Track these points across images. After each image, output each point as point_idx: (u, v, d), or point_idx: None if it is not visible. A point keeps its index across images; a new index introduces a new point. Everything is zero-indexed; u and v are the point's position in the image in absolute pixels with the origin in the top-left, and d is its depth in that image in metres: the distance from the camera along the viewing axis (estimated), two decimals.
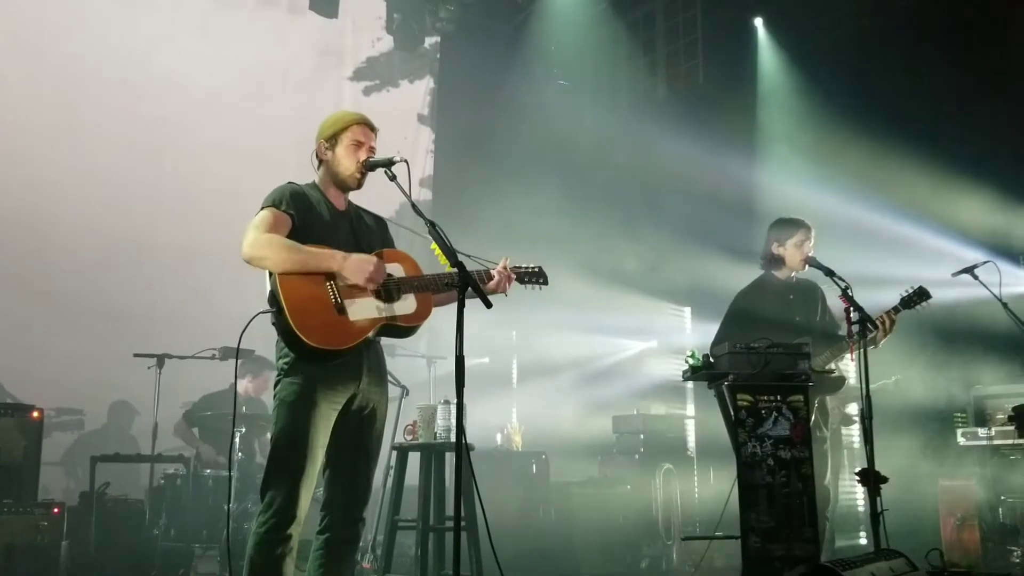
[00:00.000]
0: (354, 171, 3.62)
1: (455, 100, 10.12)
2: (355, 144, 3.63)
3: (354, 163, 3.62)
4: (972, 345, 6.31)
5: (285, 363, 3.45)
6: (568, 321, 8.27)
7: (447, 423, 4.91)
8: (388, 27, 9.88)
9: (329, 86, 9.22)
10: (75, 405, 7.78)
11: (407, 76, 10.19)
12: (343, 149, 3.63)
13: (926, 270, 6.40)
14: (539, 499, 6.92)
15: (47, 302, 7.34)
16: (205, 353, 6.55)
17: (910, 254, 6.62)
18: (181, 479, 6.40)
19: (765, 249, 5.38)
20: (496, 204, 8.50)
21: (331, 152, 3.65)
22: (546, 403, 8.51)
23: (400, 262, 3.62)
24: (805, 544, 4.32)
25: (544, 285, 3.91)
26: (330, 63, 8.96)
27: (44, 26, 7.46)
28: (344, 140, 3.64)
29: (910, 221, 6.70)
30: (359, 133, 3.65)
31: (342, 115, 3.72)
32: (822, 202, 6.94)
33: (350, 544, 3.58)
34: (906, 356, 6.15)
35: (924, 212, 6.59)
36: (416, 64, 10.16)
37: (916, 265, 6.54)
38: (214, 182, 7.62)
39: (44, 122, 7.38)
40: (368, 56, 9.85)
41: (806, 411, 4.51)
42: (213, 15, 8.09)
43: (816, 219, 5.43)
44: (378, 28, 9.75)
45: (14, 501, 5.42)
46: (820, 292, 5.39)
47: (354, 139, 3.64)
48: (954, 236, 6.45)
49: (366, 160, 3.63)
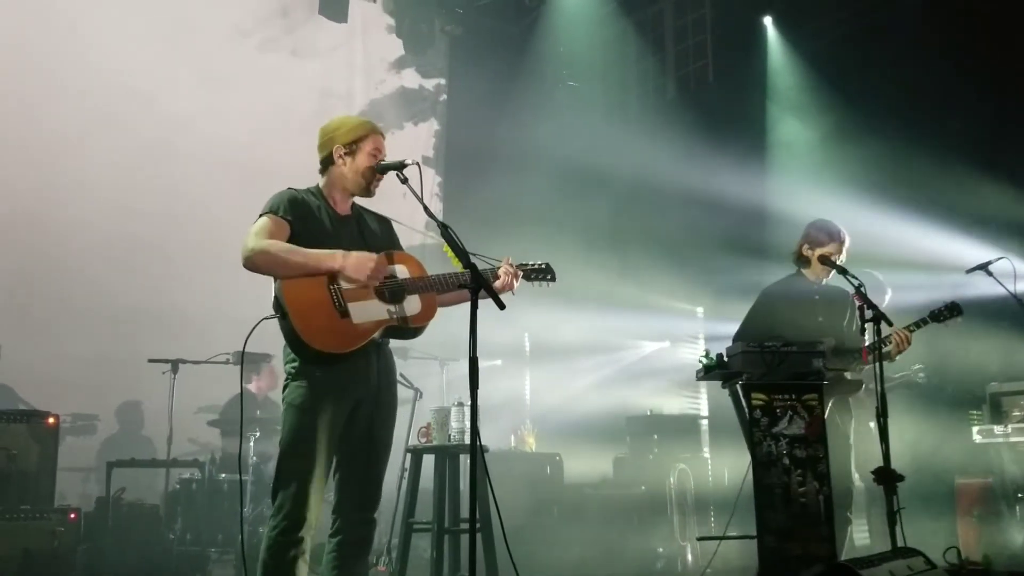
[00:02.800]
0: (372, 181, 3.64)
1: (464, 103, 10.13)
2: (375, 155, 3.64)
3: (371, 174, 3.63)
4: (987, 342, 6.27)
5: (293, 367, 3.46)
6: (580, 322, 8.26)
7: (461, 425, 4.92)
8: (398, 30, 9.92)
9: None
10: (90, 411, 7.82)
11: (412, 118, 10.19)
12: (364, 158, 3.63)
13: (939, 267, 6.39)
14: (553, 500, 6.92)
15: (61, 309, 7.38)
16: (219, 358, 6.58)
17: (923, 251, 6.59)
18: (196, 484, 6.43)
19: (797, 246, 5.33)
20: (506, 205, 8.50)
21: (350, 159, 3.64)
22: (559, 404, 8.50)
23: (405, 263, 3.61)
24: (822, 543, 4.30)
25: (552, 281, 3.88)
26: (334, 106, 8.90)
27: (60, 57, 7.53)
28: (364, 149, 3.64)
29: (923, 218, 6.66)
30: (378, 142, 3.67)
31: (359, 123, 3.71)
32: (834, 200, 6.91)
33: (363, 546, 3.58)
34: (922, 352, 6.11)
35: (937, 209, 6.55)
36: (421, 107, 10.15)
37: (929, 262, 6.52)
38: (227, 187, 7.64)
39: (58, 128, 7.42)
40: (372, 99, 9.84)
41: (821, 410, 4.50)
42: (216, 59, 8.08)
43: (828, 217, 5.40)
44: (382, 70, 9.75)
45: (31, 507, 5.46)
46: (851, 301, 5.13)
47: (375, 148, 3.65)
48: (968, 233, 6.41)
49: (377, 163, 3.63)
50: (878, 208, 6.79)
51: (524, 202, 8.74)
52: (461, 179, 9.94)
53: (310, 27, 9.01)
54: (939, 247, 6.54)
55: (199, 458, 6.71)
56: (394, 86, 9.89)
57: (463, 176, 9.89)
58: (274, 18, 8.92)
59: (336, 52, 9.31)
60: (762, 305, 5.27)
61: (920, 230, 6.66)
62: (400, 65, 10.09)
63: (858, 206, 6.83)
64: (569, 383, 8.71)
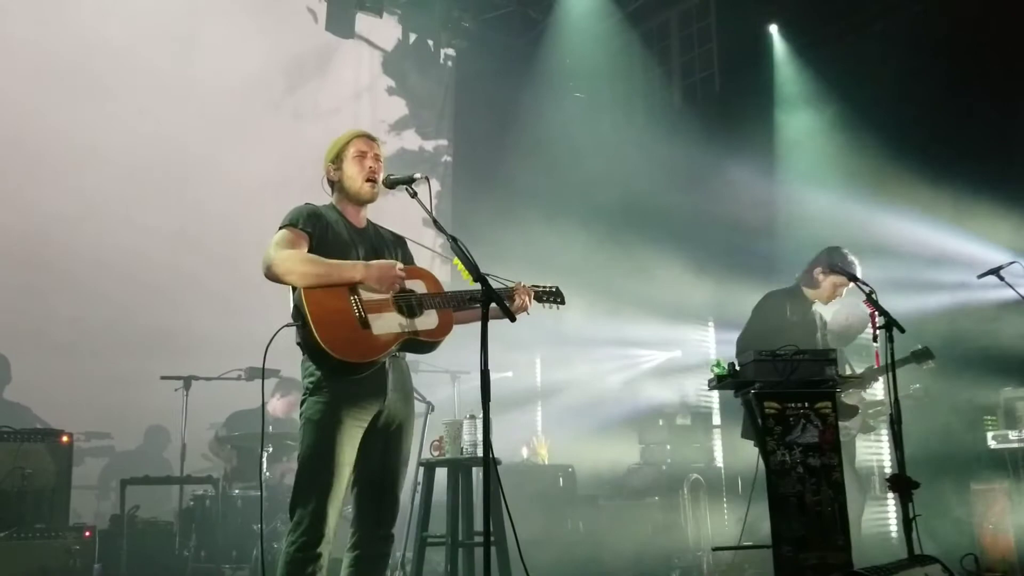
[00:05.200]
0: (364, 181, 3.68)
1: (471, 117, 10.16)
2: (359, 155, 3.71)
3: (363, 173, 3.69)
4: (1000, 347, 6.24)
5: (311, 382, 3.47)
6: (591, 332, 8.26)
7: (473, 438, 4.91)
8: (404, 45, 9.97)
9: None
10: (104, 429, 7.83)
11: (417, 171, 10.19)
12: (349, 162, 3.72)
13: (950, 274, 6.37)
14: (567, 512, 6.90)
15: (74, 327, 7.41)
16: (231, 374, 6.61)
17: (934, 260, 6.57)
18: (210, 500, 6.43)
19: (809, 268, 5.42)
20: (514, 219, 8.50)
21: (340, 171, 3.73)
22: (571, 416, 8.49)
23: (422, 278, 3.65)
24: (838, 552, 4.27)
25: (561, 304, 3.95)
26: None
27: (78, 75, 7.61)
28: (348, 154, 3.73)
29: (933, 227, 6.65)
30: (360, 144, 3.75)
31: (340, 136, 3.81)
32: (842, 210, 6.91)
33: (380, 560, 3.59)
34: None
35: (947, 217, 6.53)
36: (426, 167, 10.13)
37: (940, 270, 6.50)
38: (239, 204, 7.68)
39: (71, 148, 7.47)
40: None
41: (834, 418, 4.48)
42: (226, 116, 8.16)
43: (837, 228, 5.44)
44: (381, 133, 9.80)
45: (46, 525, 5.47)
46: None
47: (357, 150, 3.72)
48: (979, 239, 6.39)
49: (386, 178, 3.67)
50: (888, 217, 6.79)
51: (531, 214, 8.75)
52: (469, 194, 9.96)
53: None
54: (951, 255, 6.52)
55: (213, 474, 6.71)
56: (394, 147, 9.90)
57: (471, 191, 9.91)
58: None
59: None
60: (771, 309, 5.30)
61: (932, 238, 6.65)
62: (400, 127, 10.11)
63: (868, 215, 6.83)
64: (581, 394, 8.69)
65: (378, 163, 3.73)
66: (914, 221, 6.70)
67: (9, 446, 5.63)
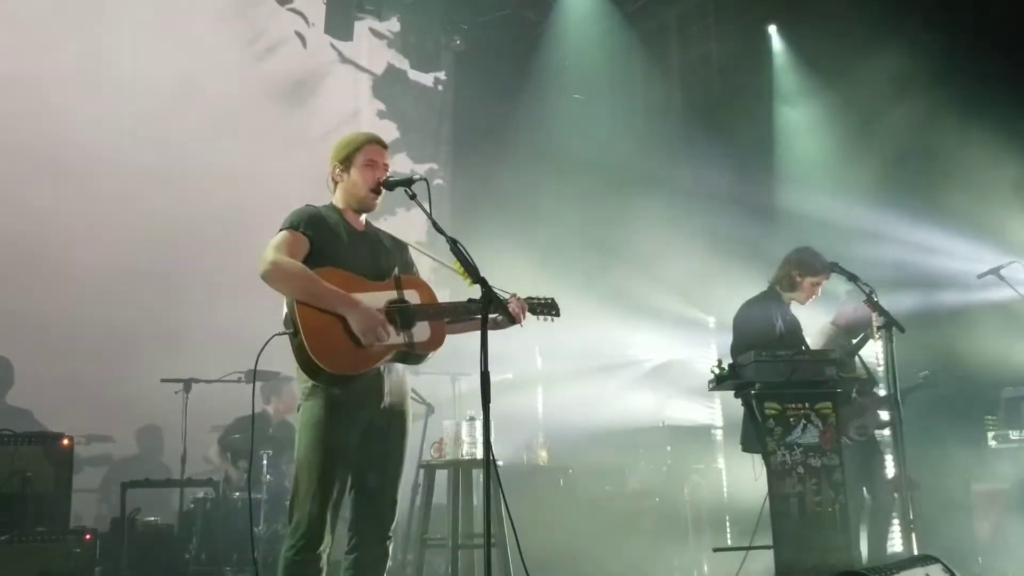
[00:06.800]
0: (369, 191, 3.64)
1: (469, 118, 10.15)
2: (369, 164, 3.65)
3: (370, 183, 3.64)
4: (1000, 346, 6.24)
5: (306, 387, 3.46)
6: (591, 334, 8.24)
7: (473, 440, 4.91)
8: (404, 47, 9.97)
9: None
10: (104, 432, 7.82)
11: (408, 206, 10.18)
12: (357, 170, 3.65)
13: (950, 273, 6.37)
14: (567, 514, 6.90)
15: (74, 331, 7.40)
16: (231, 376, 6.60)
17: (933, 257, 6.57)
18: (211, 503, 6.43)
19: (784, 271, 5.40)
20: (512, 220, 8.50)
21: (346, 174, 3.67)
22: (572, 417, 8.47)
23: (416, 288, 3.60)
24: (838, 552, 4.28)
25: (556, 317, 3.88)
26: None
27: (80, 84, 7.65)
28: (358, 161, 3.66)
29: (932, 224, 6.64)
30: (372, 152, 3.67)
31: (353, 137, 3.74)
32: (842, 208, 6.90)
33: (380, 562, 3.58)
34: (936, 358, 6.09)
35: (947, 214, 6.53)
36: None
37: (940, 268, 6.50)
38: (237, 207, 7.68)
39: (71, 149, 7.47)
40: None
41: (835, 418, 4.48)
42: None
43: (836, 225, 5.43)
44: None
45: (47, 529, 5.46)
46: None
47: (368, 159, 3.65)
48: (979, 238, 6.39)
49: (385, 180, 3.63)
50: (887, 214, 6.78)
51: (531, 215, 8.75)
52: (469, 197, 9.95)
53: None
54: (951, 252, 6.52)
55: (213, 477, 6.71)
56: (394, 148, 9.91)
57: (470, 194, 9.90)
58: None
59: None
60: (757, 317, 5.28)
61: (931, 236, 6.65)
62: (399, 124, 10.10)
63: (867, 213, 6.83)
64: (581, 395, 8.68)
65: (386, 173, 3.68)
66: (914, 221, 6.70)
67: (9, 450, 5.60)
